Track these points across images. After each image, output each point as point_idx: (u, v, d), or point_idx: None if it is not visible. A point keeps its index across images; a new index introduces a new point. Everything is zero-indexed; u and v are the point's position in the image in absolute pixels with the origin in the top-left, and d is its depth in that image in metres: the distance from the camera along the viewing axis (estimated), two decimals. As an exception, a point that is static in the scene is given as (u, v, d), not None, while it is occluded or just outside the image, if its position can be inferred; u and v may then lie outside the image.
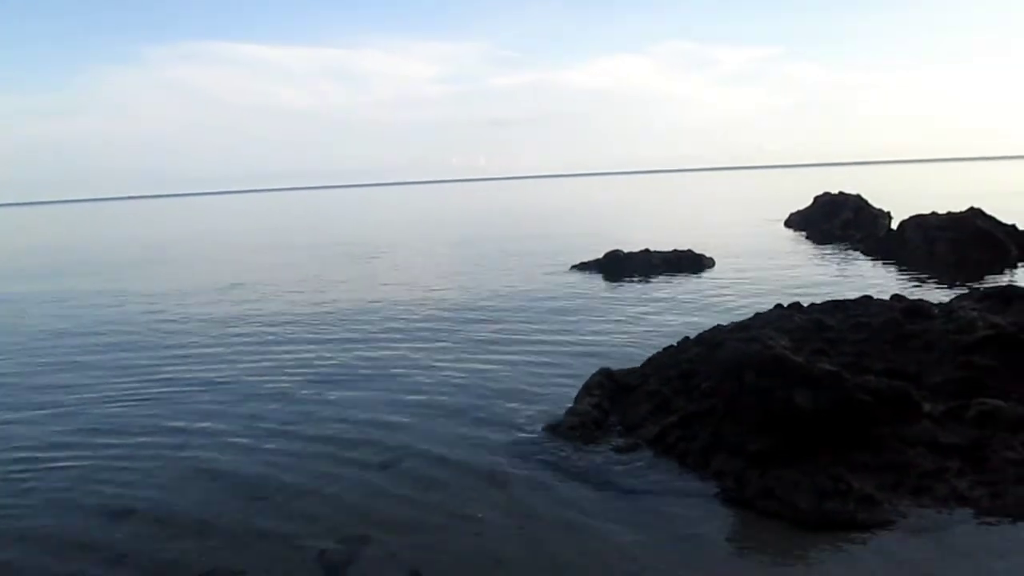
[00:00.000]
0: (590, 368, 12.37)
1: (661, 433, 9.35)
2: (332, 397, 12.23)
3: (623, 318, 17.29)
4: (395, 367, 13.93)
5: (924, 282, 20.59)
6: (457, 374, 13.25)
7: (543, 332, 16.21)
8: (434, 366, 13.85)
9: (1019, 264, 23.48)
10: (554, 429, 9.91)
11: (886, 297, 12.97)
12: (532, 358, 14.01)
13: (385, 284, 25.51)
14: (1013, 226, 25.78)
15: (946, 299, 15.34)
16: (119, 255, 44.34)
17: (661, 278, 23.46)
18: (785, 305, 12.60)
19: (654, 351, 12.30)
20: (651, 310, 18.25)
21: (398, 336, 16.62)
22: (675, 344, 11.93)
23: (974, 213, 25.95)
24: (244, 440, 10.46)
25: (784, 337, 9.85)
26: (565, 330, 16.31)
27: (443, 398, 11.92)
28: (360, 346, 15.76)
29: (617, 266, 25.20)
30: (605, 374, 11.14)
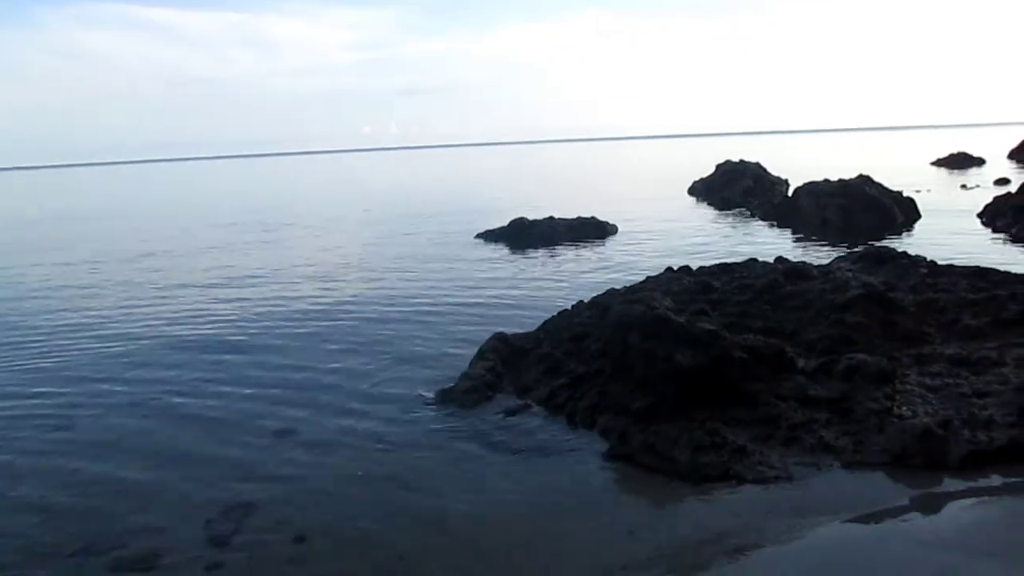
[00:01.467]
0: (487, 335, 12.52)
1: (551, 394, 9.57)
2: (227, 367, 12.10)
3: (524, 285, 17.48)
4: (292, 338, 13.79)
5: (812, 246, 21.38)
6: (355, 343, 13.21)
7: (443, 300, 16.27)
8: (331, 336, 13.75)
9: (904, 230, 24.61)
10: (447, 393, 10.01)
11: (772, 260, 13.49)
12: (431, 326, 14.06)
13: (287, 255, 25.08)
14: (900, 193, 26.96)
15: (828, 261, 16.00)
16: (40, 229, 42.41)
17: (565, 246, 23.75)
18: (675, 268, 12.95)
19: (550, 315, 12.50)
20: (553, 277, 18.50)
21: (296, 307, 16.44)
22: (570, 308, 12.15)
23: (863, 180, 26.99)
24: (136, 408, 10.29)
25: (668, 299, 10.15)
26: (465, 298, 16.39)
27: (339, 366, 11.88)
28: (257, 318, 15.54)
29: (522, 234, 25.36)
30: (499, 339, 11.28)
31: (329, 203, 51.39)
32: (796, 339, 9.83)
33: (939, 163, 56.25)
